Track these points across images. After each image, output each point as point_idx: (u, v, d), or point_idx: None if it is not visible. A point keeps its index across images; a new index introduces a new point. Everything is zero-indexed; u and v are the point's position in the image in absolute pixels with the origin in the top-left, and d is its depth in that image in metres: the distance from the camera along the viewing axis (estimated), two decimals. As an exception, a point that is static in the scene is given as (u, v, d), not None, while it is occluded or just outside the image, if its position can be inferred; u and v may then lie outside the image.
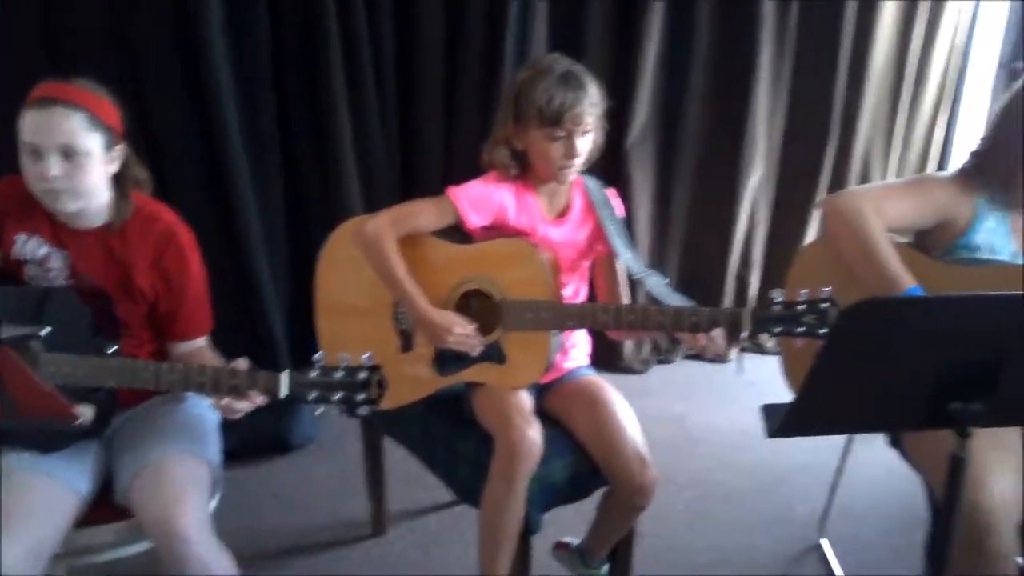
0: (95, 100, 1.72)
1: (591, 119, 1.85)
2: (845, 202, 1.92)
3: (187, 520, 1.61)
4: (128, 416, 1.85)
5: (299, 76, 2.97)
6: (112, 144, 1.73)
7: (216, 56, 2.76)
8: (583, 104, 1.82)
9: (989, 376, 1.27)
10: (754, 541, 2.45)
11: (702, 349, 1.74)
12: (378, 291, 1.95)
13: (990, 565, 1.63)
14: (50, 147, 1.64)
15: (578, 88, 1.82)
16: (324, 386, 1.52)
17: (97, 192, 1.73)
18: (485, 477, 1.82)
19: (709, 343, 1.73)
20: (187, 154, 2.82)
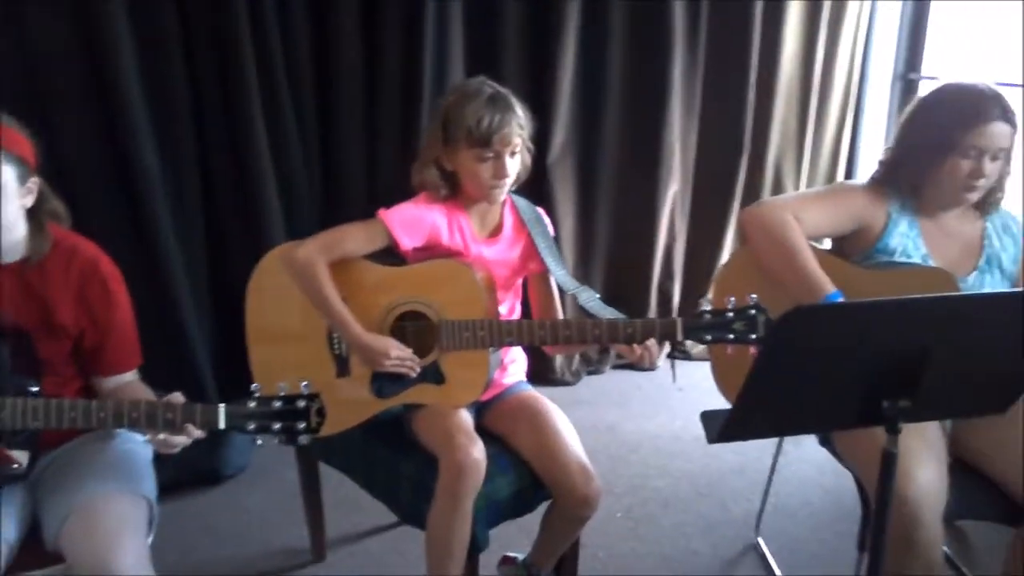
0: (5, 132, 1.66)
1: (519, 140, 1.88)
2: (766, 212, 1.99)
3: (126, 561, 1.56)
4: (53, 457, 1.78)
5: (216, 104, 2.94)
6: (26, 177, 1.67)
7: (129, 86, 2.70)
8: (511, 125, 1.85)
9: (914, 373, 1.33)
10: (693, 545, 2.50)
11: (639, 359, 1.78)
12: (311, 317, 1.93)
13: (920, 555, 1.71)
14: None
15: (506, 110, 1.86)
16: (263, 416, 1.52)
17: (12, 226, 1.67)
18: (428, 498, 1.82)
19: (645, 353, 1.77)
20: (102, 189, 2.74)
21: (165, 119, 2.85)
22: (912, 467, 1.70)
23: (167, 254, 2.86)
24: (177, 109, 2.86)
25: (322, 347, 1.95)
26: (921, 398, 1.35)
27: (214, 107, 2.94)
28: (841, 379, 1.37)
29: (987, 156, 1.86)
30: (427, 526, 1.82)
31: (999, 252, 2.00)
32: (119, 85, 2.69)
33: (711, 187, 3.75)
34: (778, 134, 3.79)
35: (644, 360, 1.78)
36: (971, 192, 1.91)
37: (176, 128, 2.87)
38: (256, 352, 2.01)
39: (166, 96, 2.83)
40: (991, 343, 1.38)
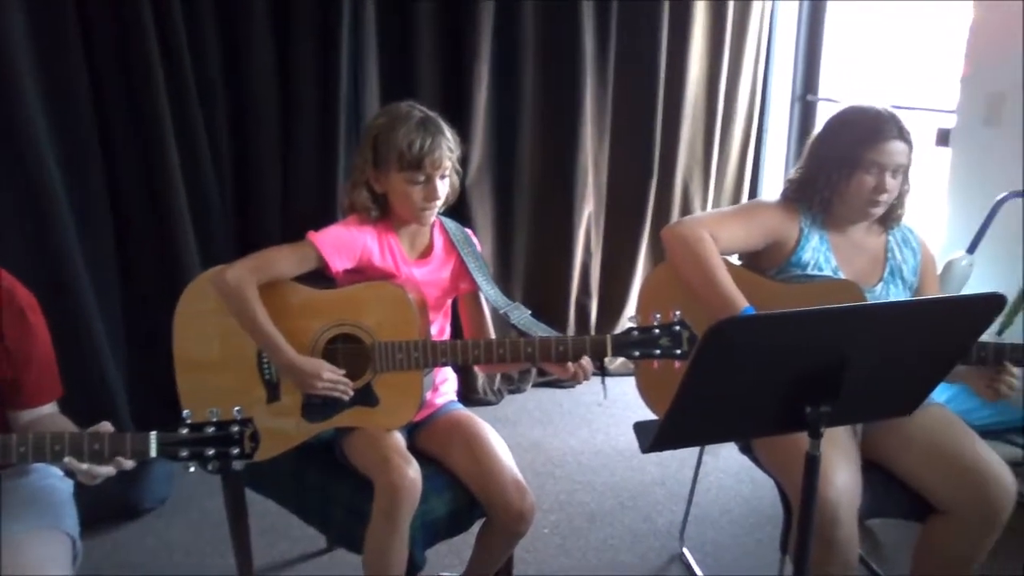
0: None
1: (449, 162, 1.92)
2: (684, 229, 2.07)
3: (52, 601, 1.51)
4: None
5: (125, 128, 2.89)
6: None
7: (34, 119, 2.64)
8: (442, 148, 1.88)
9: (834, 380, 1.41)
10: (621, 557, 2.55)
11: (572, 376, 1.82)
12: (239, 342, 1.91)
13: (839, 553, 1.79)
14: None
15: (437, 133, 1.89)
16: (196, 443, 1.50)
17: None
18: (363, 521, 1.82)
19: (579, 370, 1.82)
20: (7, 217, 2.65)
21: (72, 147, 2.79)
22: (829, 470, 1.78)
23: (77, 282, 2.78)
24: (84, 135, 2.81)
25: (252, 372, 1.93)
26: (840, 403, 1.43)
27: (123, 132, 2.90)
28: (766, 387, 1.43)
29: (888, 172, 1.99)
30: (364, 549, 1.81)
31: (901, 264, 2.13)
32: (22, 113, 2.62)
33: (624, 207, 3.86)
34: (686, 156, 3.93)
35: (578, 377, 1.83)
36: (876, 207, 2.03)
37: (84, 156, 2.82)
38: (184, 379, 1.96)
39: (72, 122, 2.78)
40: (900, 349, 1.47)
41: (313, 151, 3.21)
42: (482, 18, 3.32)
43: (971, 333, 1.52)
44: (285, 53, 3.12)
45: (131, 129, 2.90)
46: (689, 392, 1.38)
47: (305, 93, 3.15)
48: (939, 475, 1.89)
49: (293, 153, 3.21)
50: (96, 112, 2.84)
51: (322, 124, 3.18)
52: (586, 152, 3.64)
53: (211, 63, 3.03)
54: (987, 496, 1.83)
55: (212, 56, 3.02)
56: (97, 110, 2.84)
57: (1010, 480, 1.86)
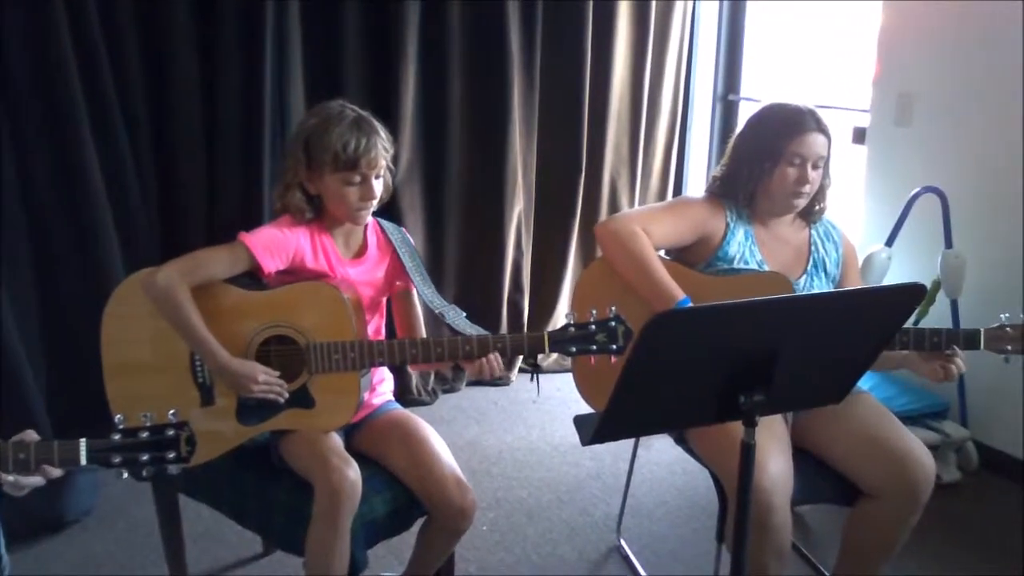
0: None
1: (384, 161, 1.90)
2: (618, 225, 2.10)
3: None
4: None
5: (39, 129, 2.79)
6: None
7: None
8: (377, 148, 1.88)
9: (766, 369, 1.45)
10: (559, 551, 2.57)
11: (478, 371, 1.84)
12: (171, 345, 1.86)
13: (773, 539, 1.85)
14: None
15: (371, 132, 1.88)
16: (130, 449, 1.44)
17: None
18: (303, 523, 1.79)
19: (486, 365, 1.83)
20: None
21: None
22: (762, 458, 1.83)
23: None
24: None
25: (184, 376, 1.88)
26: (773, 392, 1.47)
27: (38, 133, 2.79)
28: (701, 378, 1.46)
29: (809, 163, 2.06)
30: (306, 551, 1.79)
31: (824, 257, 2.20)
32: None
33: (553, 204, 3.90)
34: (612, 154, 3.99)
35: (485, 372, 1.83)
36: (798, 198, 2.10)
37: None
38: (113, 384, 1.91)
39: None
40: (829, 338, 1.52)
41: (238, 153, 3.16)
42: (408, 17, 3.31)
43: (895, 322, 1.57)
44: (209, 55, 3.06)
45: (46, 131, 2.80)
46: (628, 384, 1.40)
47: (229, 94, 3.10)
48: (867, 460, 1.96)
49: (217, 156, 3.15)
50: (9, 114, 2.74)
51: (247, 125, 3.13)
52: (515, 150, 3.66)
53: (131, 63, 2.95)
54: (911, 479, 1.91)
55: (132, 56, 2.94)
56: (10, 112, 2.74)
57: (930, 463, 1.95)
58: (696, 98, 4.28)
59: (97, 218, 2.88)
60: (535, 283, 3.93)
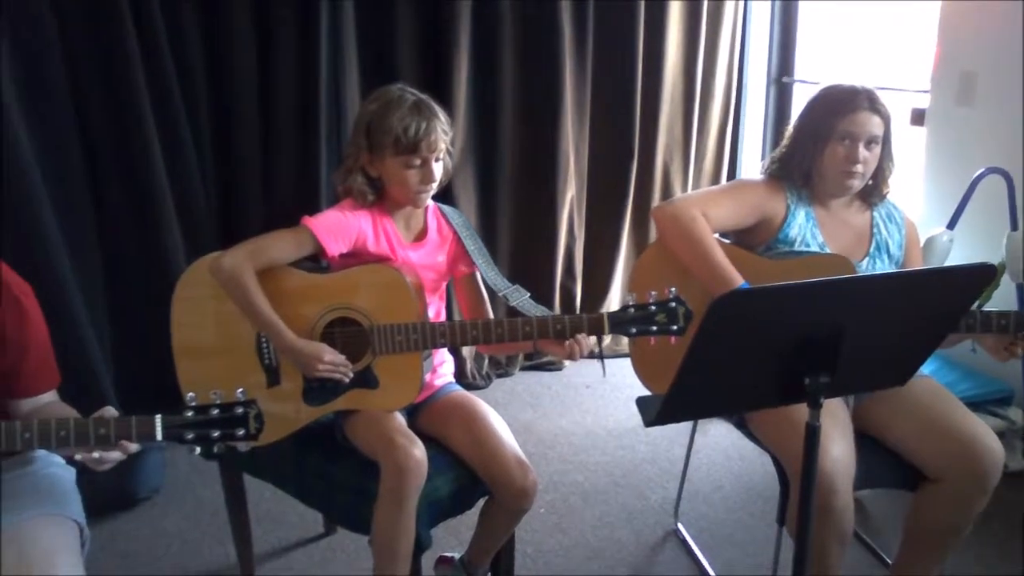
0: None
1: (444, 145, 1.92)
2: (676, 208, 2.10)
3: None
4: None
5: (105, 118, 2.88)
6: None
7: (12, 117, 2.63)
8: (437, 131, 1.89)
9: (832, 351, 1.44)
10: (617, 534, 2.58)
11: (568, 353, 1.84)
12: (238, 328, 1.91)
13: (835, 522, 1.84)
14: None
15: (431, 116, 1.90)
16: (201, 425, 1.48)
17: None
18: (368, 502, 1.83)
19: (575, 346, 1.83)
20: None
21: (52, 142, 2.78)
22: (824, 441, 1.82)
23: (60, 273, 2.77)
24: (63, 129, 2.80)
25: (251, 357, 1.93)
26: (838, 374, 1.46)
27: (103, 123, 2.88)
28: (766, 360, 1.46)
29: (860, 143, 2.04)
30: (372, 530, 1.82)
31: (887, 239, 2.17)
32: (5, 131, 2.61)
33: (605, 190, 3.89)
34: (665, 138, 3.96)
35: (574, 354, 1.85)
36: (851, 178, 2.07)
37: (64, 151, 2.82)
38: (183, 365, 1.96)
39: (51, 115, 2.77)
40: (895, 320, 1.50)
41: (294, 140, 3.21)
42: (460, 5, 3.32)
43: (962, 303, 1.56)
44: (265, 44, 3.11)
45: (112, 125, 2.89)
46: (692, 366, 1.40)
47: (285, 84, 3.15)
48: (931, 444, 1.93)
49: (274, 142, 3.20)
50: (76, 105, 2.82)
51: (303, 115, 3.18)
52: (567, 136, 3.66)
53: (191, 54, 3.01)
54: (978, 464, 1.88)
55: (192, 47, 3.01)
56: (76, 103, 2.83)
57: (998, 447, 1.92)
58: (750, 80, 4.23)
59: (160, 207, 2.97)
60: (587, 269, 3.93)
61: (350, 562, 2.41)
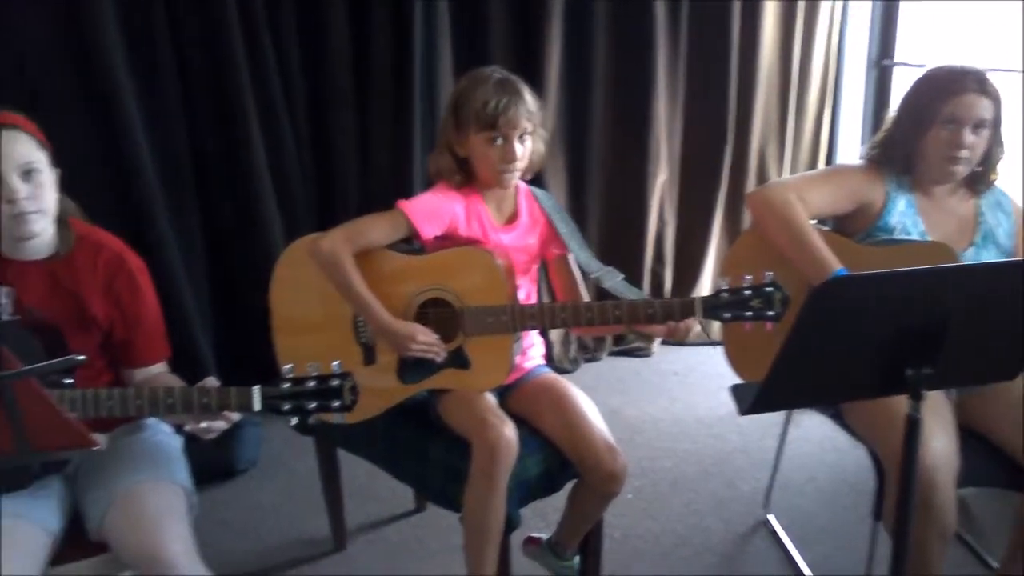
0: (25, 122, 1.69)
1: (527, 123, 1.92)
2: (772, 193, 2.05)
3: (172, 548, 1.58)
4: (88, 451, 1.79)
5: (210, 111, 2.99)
6: (53, 164, 1.70)
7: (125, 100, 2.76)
8: (518, 108, 1.89)
9: (936, 341, 1.40)
10: (705, 522, 2.56)
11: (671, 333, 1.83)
12: (335, 306, 1.96)
13: (936, 519, 1.78)
14: (10, 170, 1.60)
15: (513, 93, 1.90)
16: (298, 396, 1.52)
17: (52, 214, 1.69)
18: (459, 480, 1.86)
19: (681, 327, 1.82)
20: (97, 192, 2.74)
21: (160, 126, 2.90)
22: (925, 435, 1.74)
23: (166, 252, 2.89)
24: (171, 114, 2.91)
25: (348, 335, 1.98)
26: (942, 366, 1.41)
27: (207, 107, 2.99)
28: (867, 350, 1.42)
29: (966, 127, 1.95)
30: (463, 508, 1.85)
31: (994, 228, 2.08)
32: (111, 85, 2.73)
33: (698, 175, 3.83)
34: (760, 122, 3.87)
35: (677, 334, 1.83)
36: (955, 164, 1.99)
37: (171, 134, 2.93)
38: (282, 341, 2.03)
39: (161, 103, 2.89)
40: (1004, 311, 1.44)
41: (389, 125, 3.26)
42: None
43: (1079, 294, 1.48)
44: (360, 30, 3.15)
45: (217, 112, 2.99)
46: (790, 354, 1.38)
47: (380, 69, 3.20)
48: (1043, 443, 1.85)
49: (369, 127, 3.26)
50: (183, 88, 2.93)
51: (397, 98, 3.22)
52: (659, 119, 3.62)
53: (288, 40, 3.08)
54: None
55: (290, 32, 3.07)
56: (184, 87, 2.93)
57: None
58: (848, 63, 4.10)
59: (260, 190, 3.06)
60: (678, 255, 3.90)
61: (440, 538, 2.45)
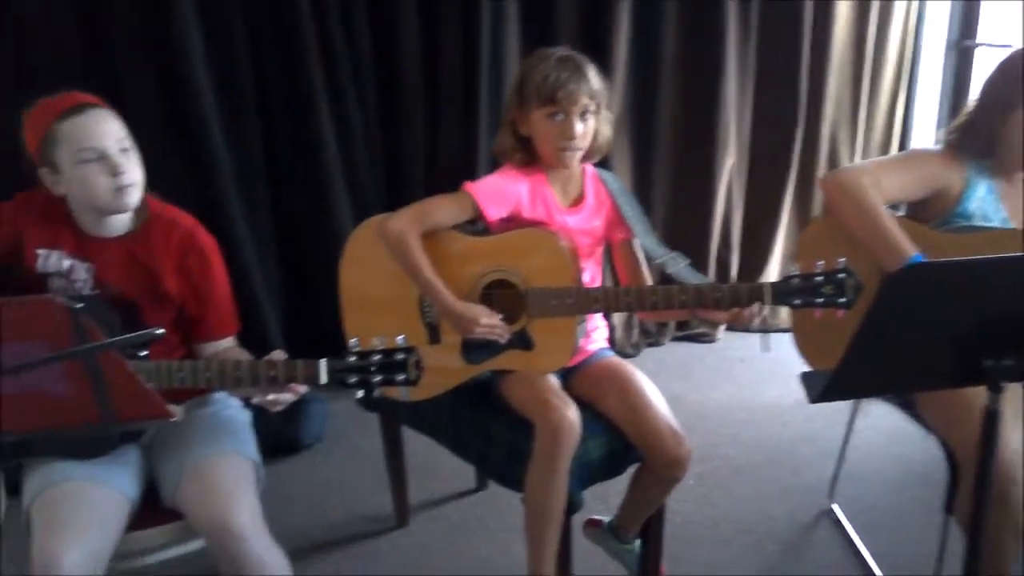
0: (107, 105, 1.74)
1: (588, 100, 1.90)
2: (846, 178, 2.00)
3: (242, 519, 1.62)
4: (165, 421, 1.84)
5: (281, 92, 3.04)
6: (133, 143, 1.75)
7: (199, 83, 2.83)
8: (579, 83, 1.88)
9: (1018, 333, 1.35)
10: (769, 510, 2.53)
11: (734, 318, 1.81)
12: (402, 286, 1.97)
13: (1012, 514, 1.73)
14: (110, 145, 1.67)
15: (575, 69, 1.89)
16: (363, 370, 1.52)
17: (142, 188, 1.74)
18: (521, 461, 1.87)
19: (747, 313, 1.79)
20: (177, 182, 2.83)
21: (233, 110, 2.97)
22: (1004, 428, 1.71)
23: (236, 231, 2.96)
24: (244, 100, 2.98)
25: (413, 315, 2.00)
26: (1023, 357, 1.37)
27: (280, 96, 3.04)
28: (945, 339, 1.38)
29: None
30: (525, 489, 1.86)
31: (1080, 216, 2.00)
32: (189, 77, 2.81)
33: (767, 160, 3.77)
34: (832, 106, 3.79)
35: (742, 319, 1.81)
36: None
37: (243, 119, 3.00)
38: (350, 319, 2.06)
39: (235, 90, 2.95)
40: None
41: (456, 107, 3.27)
42: (622, -33, 3.28)
43: None
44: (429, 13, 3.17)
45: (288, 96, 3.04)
46: (864, 341, 1.35)
47: (449, 52, 3.21)
48: None
49: (437, 109, 3.28)
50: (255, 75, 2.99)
51: (464, 81, 3.24)
52: (728, 102, 3.57)
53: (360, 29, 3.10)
54: None
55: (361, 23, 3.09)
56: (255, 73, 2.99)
57: None
58: (927, 44, 3.97)
59: (330, 173, 3.11)
60: (745, 240, 3.84)
61: (500, 517, 2.47)
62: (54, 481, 1.62)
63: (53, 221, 1.76)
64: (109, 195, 1.68)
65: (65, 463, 1.65)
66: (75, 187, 1.70)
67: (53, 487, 1.61)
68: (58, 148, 1.66)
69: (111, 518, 1.61)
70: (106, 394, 1.25)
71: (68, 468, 1.64)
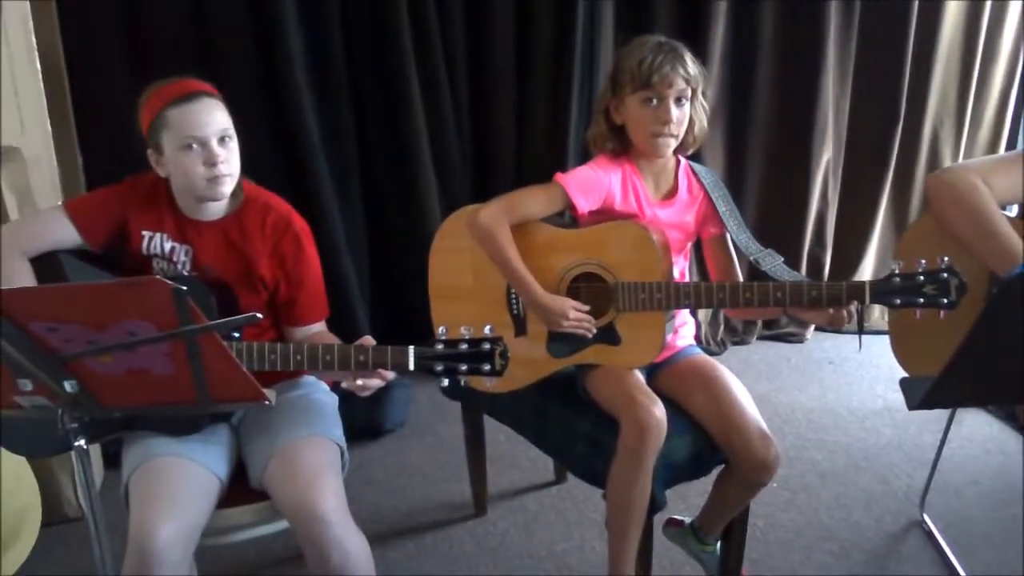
0: (215, 91, 1.77)
1: (683, 85, 1.86)
2: (955, 176, 1.92)
3: (326, 503, 1.63)
4: (261, 403, 1.88)
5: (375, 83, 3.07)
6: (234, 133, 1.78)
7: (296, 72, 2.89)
8: (674, 66, 1.84)
9: None
10: (855, 518, 2.46)
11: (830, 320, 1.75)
12: (489, 277, 1.97)
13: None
14: (211, 135, 1.71)
15: (671, 53, 1.86)
16: (450, 358, 1.53)
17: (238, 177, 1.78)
18: (605, 456, 1.85)
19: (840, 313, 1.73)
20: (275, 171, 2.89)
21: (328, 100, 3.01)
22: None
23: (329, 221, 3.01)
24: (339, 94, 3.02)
25: (500, 307, 1.99)
26: None
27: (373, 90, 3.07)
28: (1059, 349, 1.32)
29: None
30: (608, 485, 1.84)
31: None
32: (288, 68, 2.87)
33: (865, 155, 3.65)
34: (937, 100, 3.65)
35: (837, 321, 1.75)
36: None
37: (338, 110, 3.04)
38: (437, 308, 2.07)
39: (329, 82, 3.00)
40: None
41: (547, 98, 3.26)
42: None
43: None
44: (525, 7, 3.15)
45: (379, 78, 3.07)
46: (972, 348, 1.29)
47: (541, 43, 3.19)
48: None
49: (528, 100, 3.26)
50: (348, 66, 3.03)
51: (556, 73, 3.21)
52: (827, 95, 3.47)
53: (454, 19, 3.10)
54: None
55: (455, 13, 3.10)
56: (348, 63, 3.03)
57: None
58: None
59: (420, 163, 3.13)
60: (839, 238, 3.73)
61: (578, 510, 2.45)
62: (151, 455, 1.67)
63: (156, 204, 1.82)
64: (204, 183, 1.73)
65: (161, 439, 1.70)
66: (174, 171, 1.75)
67: (150, 460, 1.66)
68: (165, 132, 1.71)
69: (203, 495, 1.65)
70: (203, 376, 1.28)
71: (164, 444, 1.69)
